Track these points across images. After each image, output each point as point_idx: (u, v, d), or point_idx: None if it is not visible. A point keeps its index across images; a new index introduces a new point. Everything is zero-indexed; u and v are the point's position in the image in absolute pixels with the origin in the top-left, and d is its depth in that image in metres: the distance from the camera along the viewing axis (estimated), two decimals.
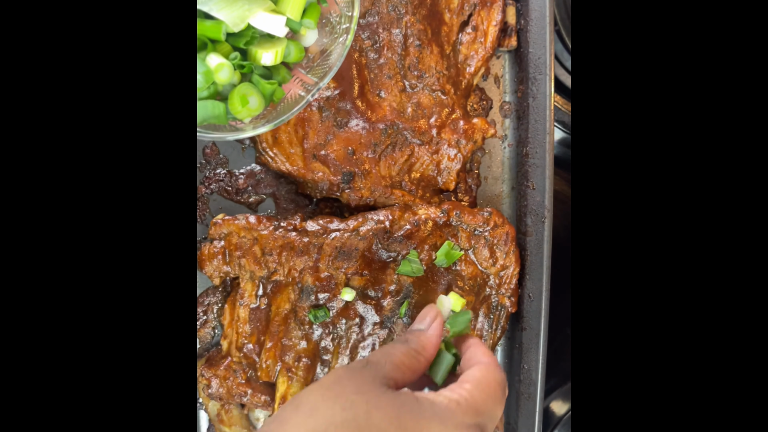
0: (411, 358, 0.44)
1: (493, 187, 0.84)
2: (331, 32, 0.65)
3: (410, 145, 0.77)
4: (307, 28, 0.61)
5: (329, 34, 0.65)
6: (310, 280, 0.74)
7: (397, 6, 0.75)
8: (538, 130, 0.78)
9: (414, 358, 0.44)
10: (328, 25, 0.65)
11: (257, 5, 0.57)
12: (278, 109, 0.64)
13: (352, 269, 0.74)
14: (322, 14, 0.65)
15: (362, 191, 0.76)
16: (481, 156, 0.84)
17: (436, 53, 0.77)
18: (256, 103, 0.60)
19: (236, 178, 0.79)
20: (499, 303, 0.78)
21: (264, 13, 0.58)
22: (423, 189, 0.78)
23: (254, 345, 0.75)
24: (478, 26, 0.78)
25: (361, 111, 0.75)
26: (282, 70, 0.63)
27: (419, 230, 0.74)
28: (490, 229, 0.76)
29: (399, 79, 0.76)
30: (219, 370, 0.75)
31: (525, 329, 0.79)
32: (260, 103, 0.60)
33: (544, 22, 0.77)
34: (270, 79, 0.62)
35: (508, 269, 0.77)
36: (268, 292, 0.74)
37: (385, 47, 0.75)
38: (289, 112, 0.62)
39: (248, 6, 0.57)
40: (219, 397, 0.75)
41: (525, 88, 0.79)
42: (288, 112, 0.62)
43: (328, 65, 0.63)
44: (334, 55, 0.63)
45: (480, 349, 0.47)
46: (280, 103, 0.65)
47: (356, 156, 0.76)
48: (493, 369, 0.44)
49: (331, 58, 0.64)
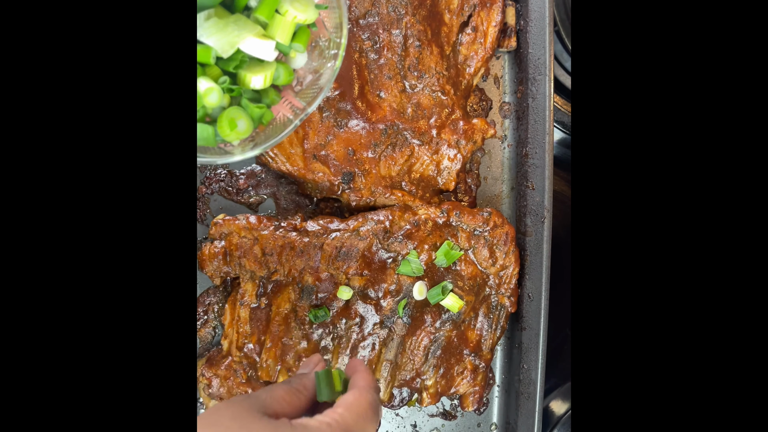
0: (291, 395, 0.47)
1: (493, 187, 0.84)
2: (320, 56, 0.65)
3: (410, 146, 0.77)
4: (296, 51, 0.61)
5: (318, 58, 0.65)
6: (310, 280, 0.74)
7: (397, 7, 0.75)
8: (537, 131, 0.78)
9: (294, 395, 0.47)
10: (317, 49, 0.65)
11: (246, 31, 0.57)
12: (267, 131, 0.64)
13: (352, 269, 0.74)
14: (312, 37, 0.65)
15: (362, 191, 0.76)
16: (481, 156, 0.84)
17: (436, 54, 0.77)
18: (245, 126, 0.60)
19: (237, 178, 0.79)
20: (498, 303, 0.78)
21: (253, 38, 0.58)
22: (423, 189, 0.79)
23: (255, 345, 0.75)
24: (478, 27, 0.78)
25: (361, 111, 0.75)
26: (271, 92, 0.63)
27: (419, 230, 0.75)
28: (490, 229, 0.76)
29: (399, 79, 0.76)
30: (219, 369, 0.75)
31: (525, 329, 0.80)
32: (249, 126, 0.60)
33: (543, 22, 0.77)
34: (259, 102, 0.62)
35: (508, 269, 0.77)
36: (269, 292, 0.75)
37: (385, 48, 0.75)
38: (278, 135, 0.62)
39: (238, 32, 0.56)
40: (219, 397, 0.75)
41: (525, 88, 0.80)
42: (277, 134, 0.62)
43: (318, 87, 0.63)
44: (323, 80, 0.63)
45: (360, 374, 0.50)
46: (269, 125, 0.65)
47: (356, 156, 0.76)
48: (366, 392, 0.47)
49: (321, 81, 0.64)
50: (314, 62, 0.65)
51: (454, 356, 0.78)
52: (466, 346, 0.78)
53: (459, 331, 0.77)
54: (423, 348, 0.76)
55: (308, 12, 0.57)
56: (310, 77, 0.66)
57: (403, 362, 0.77)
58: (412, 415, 0.85)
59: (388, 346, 0.76)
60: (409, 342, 0.76)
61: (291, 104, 0.65)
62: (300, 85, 0.66)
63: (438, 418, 0.85)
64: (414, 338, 0.76)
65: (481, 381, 0.79)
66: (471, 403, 0.80)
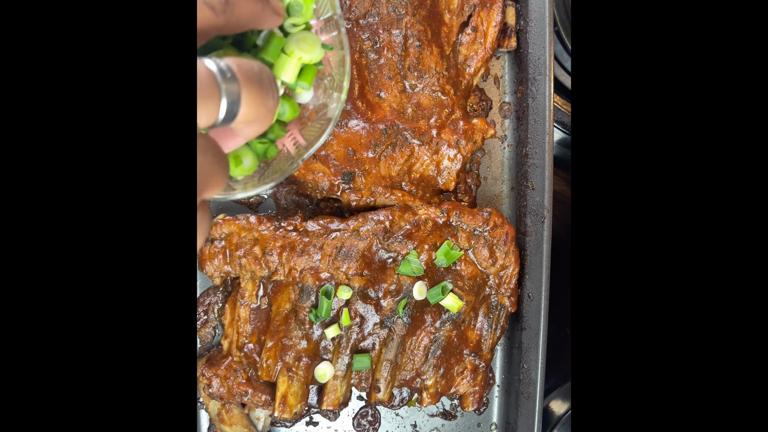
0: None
1: (493, 187, 0.85)
2: (325, 93, 0.65)
3: (410, 146, 0.77)
4: (302, 88, 0.61)
5: (323, 95, 0.65)
6: (310, 280, 0.74)
7: (397, 7, 0.75)
8: (537, 131, 0.78)
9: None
10: (321, 86, 0.65)
11: None
12: (272, 165, 0.64)
13: (352, 269, 0.74)
14: (318, 74, 0.64)
15: (362, 191, 0.76)
16: (481, 156, 0.84)
17: (436, 54, 0.77)
18: (250, 163, 0.59)
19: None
20: (498, 303, 0.78)
21: None
22: (423, 189, 0.79)
23: (255, 345, 0.75)
24: (478, 27, 0.78)
25: (361, 111, 0.75)
26: (276, 127, 0.63)
27: (419, 230, 0.75)
28: (490, 229, 0.76)
29: (399, 79, 0.76)
30: (220, 369, 0.75)
31: (525, 329, 0.80)
32: (254, 163, 0.60)
33: (543, 23, 0.77)
34: (263, 138, 0.62)
35: (508, 269, 0.77)
36: (269, 292, 0.75)
37: (385, 48, 0.75)
38: (281, 172, 0.62)
39: None
40: (220, 397, 0.75)
41: (524, 88, 0.80)
42: (280, 169, 0.62)
43: (325, 121, 0.63)
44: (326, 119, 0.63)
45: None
46: (272, 160, 0.65)
47: (356, 156, 0.76)
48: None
49: (323, 121, 0.64)
50: (319, 99, 0.65)
51: (454, 356, 0.78)
52: (466, 346, 0.78)
53: (459, 331, 0.77)
54: (423, 348, 0.76)
55: (314, 53, 0.57)
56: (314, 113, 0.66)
57: (403, 362, 0.77)
58: (412, 415, 0.85)
59: (388, 346, 0.76)
60: (409, 342, 0.76)
61: (295, 140, 0.65)
62: (306, 120, 0.66)
63: (438, 418, 0.85)
64: (414, 338, 0.76)
65: (481, 381, 0.79)
66: (471, 403, 0.80)
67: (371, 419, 0.84)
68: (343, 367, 0.75)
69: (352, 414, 0.84)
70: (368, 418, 0.84)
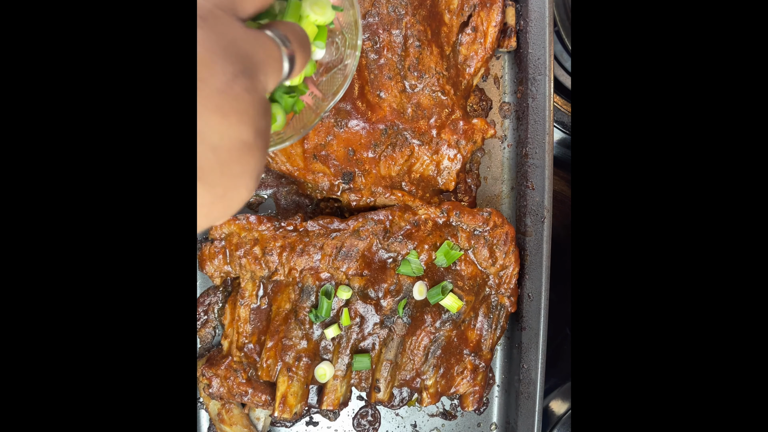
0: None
1: (493, 187, 0.85)
2: (337, 50, 0.69)
3: (410, 146, 0.77)
4: (318, 47, 0.66)
5: (335, 52, 0.69)
6: (310, 280, 0.74)
7: (397, 7, 0.75)
8: (537, 131, 0.78)
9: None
10: (333, 44, 0.69)
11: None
12: (295, 119, 0.69)
13: (352, 269, 0.74)
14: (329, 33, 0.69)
15: (362, 191, 0.76)
16: (481, 156, 0.84)
17: (436, 54, 0.77)
18: (281, 120, 0.64)
19: None
20: (498, 303, 0.78)
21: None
22: (423, 189, 0.79)
23: (255, 344, 0.75)
24: (478, 27, 0.78)
25: (361, 111, 0.75)
26: (300, 84, 0.68)
27: (419, 230, 0.75)
28: (490, 229, 0.76)
29: (399, 79, 0.76)
30: (220, 369, 0.75)
31: (524, 329, 0.80)
32: (283, 120, 0.65)
33: (543, 23, 0.77)
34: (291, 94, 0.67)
35: (508, 269, 0.77)
36: (269, 292, 0.75)
37: (385, 48, 0.75)
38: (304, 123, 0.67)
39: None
40: (220, 397, 0.75)
41: (524, 88, 0.80)
42: (302, 122, 0.67)
43: (341, 75, 0.68)
44: (340, 76, 0.69)
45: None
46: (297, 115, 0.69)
47: (356, 156, 0.76)
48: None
49: (337, 78, 0.69)
50: (333, 55, 0.70)
51: (454, 356, 0.78)
52: (466, 346, 0.78)
53: (459, 331, 0.77)
54: (423, 348, 0.76)
55: (326, 14, 0.63)
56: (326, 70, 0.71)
57: (403, 362, 0.77)
58: (412, 415, 0.85)
59: (388, 346, 0.76)
60: (409, 342, 0.76)
61: (312, 93, 0.69)
62: (320, 76, 0.70)
63: (438, 418, 0.85)
64: (414, 338, 0.76)
65: (481, 381, 0.79)
66: (471, 402, 0.80)
67: (371, 419, 0.84)
68: (343, 367, 0.75)
69: (352, 414, 0.84)
70: (368, 418, 0.84)
